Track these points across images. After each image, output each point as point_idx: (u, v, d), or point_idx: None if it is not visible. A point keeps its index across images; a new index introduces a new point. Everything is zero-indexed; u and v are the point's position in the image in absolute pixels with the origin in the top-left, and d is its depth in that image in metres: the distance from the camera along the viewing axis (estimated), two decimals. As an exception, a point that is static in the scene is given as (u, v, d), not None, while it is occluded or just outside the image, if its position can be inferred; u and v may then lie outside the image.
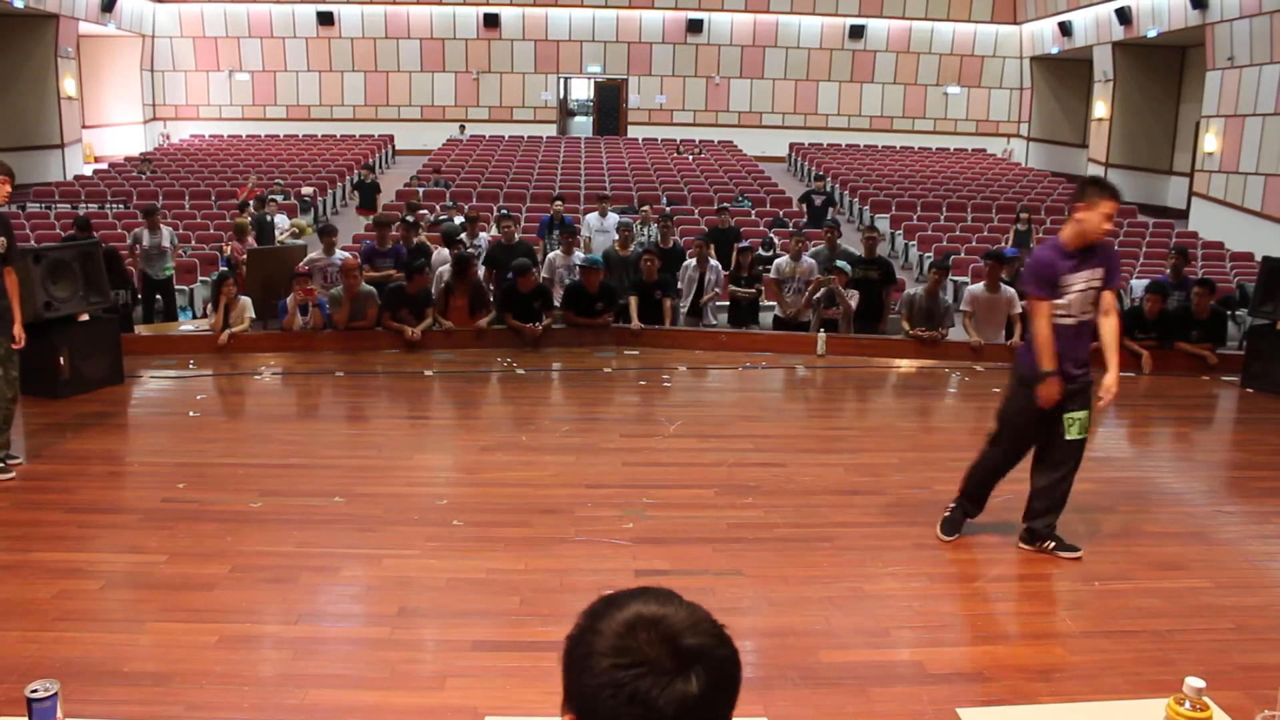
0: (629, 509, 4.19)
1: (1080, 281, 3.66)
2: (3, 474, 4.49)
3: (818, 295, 7.85)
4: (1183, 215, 16.73)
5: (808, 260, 8.26)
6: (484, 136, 20.72)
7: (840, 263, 7.79)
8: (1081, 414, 3.70)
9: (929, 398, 6.92)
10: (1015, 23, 22.00)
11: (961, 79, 22.43)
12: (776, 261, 8.47)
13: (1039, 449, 3.82)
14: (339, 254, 8.25)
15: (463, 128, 21.06)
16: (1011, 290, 7.52)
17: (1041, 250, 3.85)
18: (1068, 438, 3.70)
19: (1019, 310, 7.32)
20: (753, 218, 13.57)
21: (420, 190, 14.75)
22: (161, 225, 9.56)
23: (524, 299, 7.64)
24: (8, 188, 4.35)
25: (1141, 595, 3.46)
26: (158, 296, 9.43)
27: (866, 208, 15.36)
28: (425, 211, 12.14)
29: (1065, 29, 19.74)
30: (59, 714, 1.76)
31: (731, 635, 0.98)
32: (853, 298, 7.76)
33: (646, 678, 0.91)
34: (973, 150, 21.53)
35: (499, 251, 8.51)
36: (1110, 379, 3.71)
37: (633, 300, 7.95)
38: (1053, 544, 3.79)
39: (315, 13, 21.13)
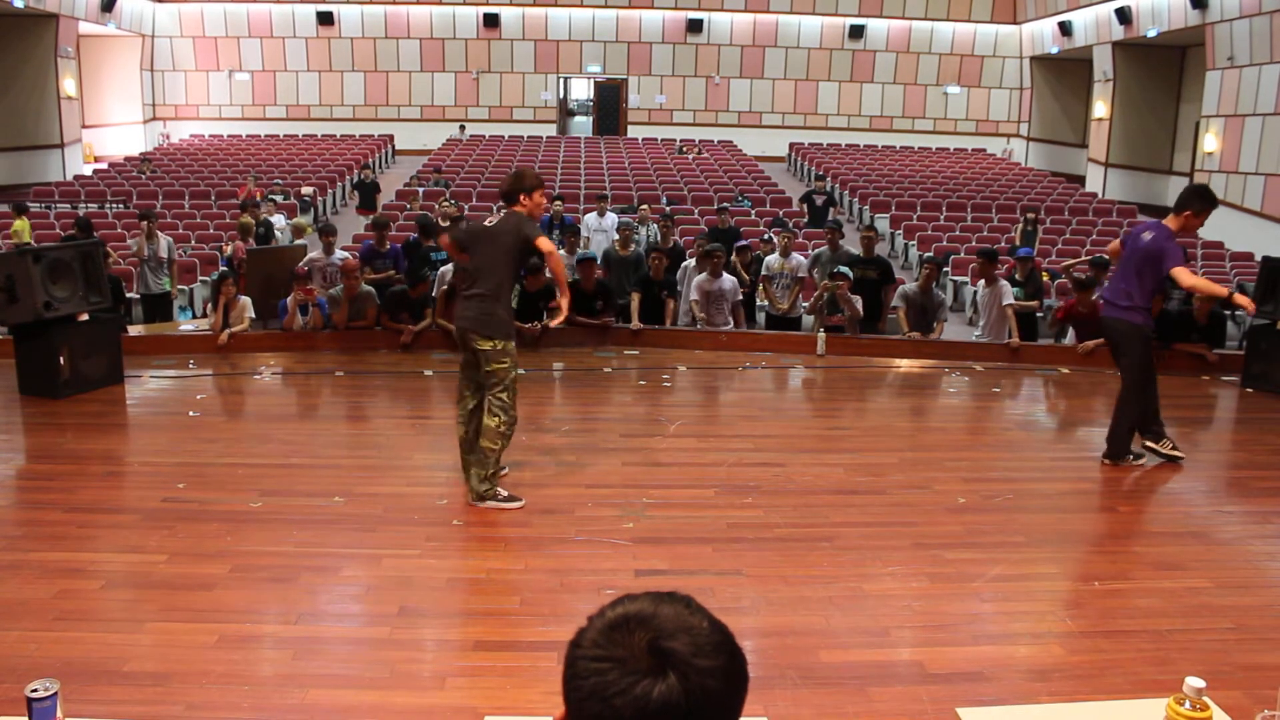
0: (629, 509, 4.19)
1: None
2: (511, 503, 4.23)
3: (821, 301, 7.82)
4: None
5: (797, 258, 8.29)
6: (484, 136, 20.72)
7: (842, 268, 7.77)
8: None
9: (929, 397, 6.92)
10: (1015, 23, 22.00)
11: (961, 79, 22.43)
12: (767, 259, 8.50)
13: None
14: (338, 254, 8.26)
15: (463, 127, 21.06)
16: (1005, 283, 7.88)
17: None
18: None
19: (1010, 301, 7.75)
20: (753, 218, 13.56)
21: (420, 190, 14.74)
22: (159, 233, 9.03)
23: (530, 298, 7.64)
24: (539, 197, 4.23)
25: (1141, 595, 3.46)
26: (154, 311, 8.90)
27: (866, 207, 15.36)
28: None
29: (1065, 29, 19.74)
30: (59, 714, 1.76)
31: (737, 647, 0.91)
32: (856, 302, 7.75)
33: (611, 673, 0.86)
34: (973, 150, 21.53)
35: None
36: None
37: (635, 297, 7.96)
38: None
39: (315, 13, 21.13)
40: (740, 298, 8.05)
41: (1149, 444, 5.01)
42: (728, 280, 7.97)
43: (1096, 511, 4.48)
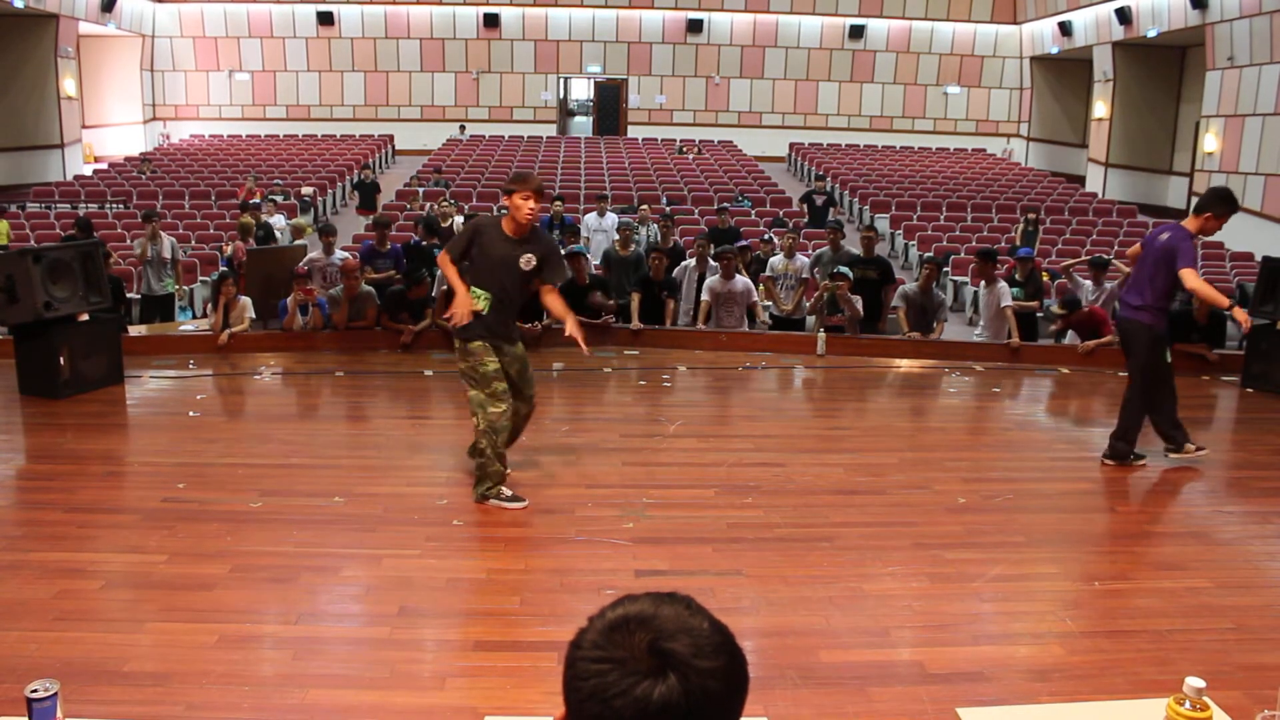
0: (629, 509, 4.19)
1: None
2: (514, 503, 4.22)
3: (821, 302, 7.82)
4: (1182, 215, 16.68)
5: (801, 258, 8.29)
6: (484, 136, 20.72)
7: (842, 268, 7.77)
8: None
9: (929, 397, 6.92)
10: (1015, 23, 22.00)
11: (961, 79, 22.43)
12: (771, 260, 8.49)
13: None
14: (338, 254, 8.26)
15: (463, 128, 21.06)
16: (1004, 284, 7.88)
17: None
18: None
19: (1009, 303, 7.74)
20: (753, 218, 13.57)
21: (420, 190, 14.74)
22: (162, 234, 8.97)
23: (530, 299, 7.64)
24: (532, 202, 4.09)
25: (1141, 595, 3.46)
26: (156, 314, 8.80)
27: (866, 208, 15.37)
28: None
29: (1065, 29, 19.74)
30: (59, 714, 1.76)
31: (737, 648, 0.91)
32: (856, 303, 7.75)
33: (611, 674, 0.86)
34: (973, 150, 21.53)
35: None
36: None
37: (635, 297, 7.96)
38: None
39: (315, 13, 21.13)
40: (755, 299, 8.04)
41: (1171, 454, 4.99)
42: (740, 282, 7.94)
43: (1096, 511, 4.48)
